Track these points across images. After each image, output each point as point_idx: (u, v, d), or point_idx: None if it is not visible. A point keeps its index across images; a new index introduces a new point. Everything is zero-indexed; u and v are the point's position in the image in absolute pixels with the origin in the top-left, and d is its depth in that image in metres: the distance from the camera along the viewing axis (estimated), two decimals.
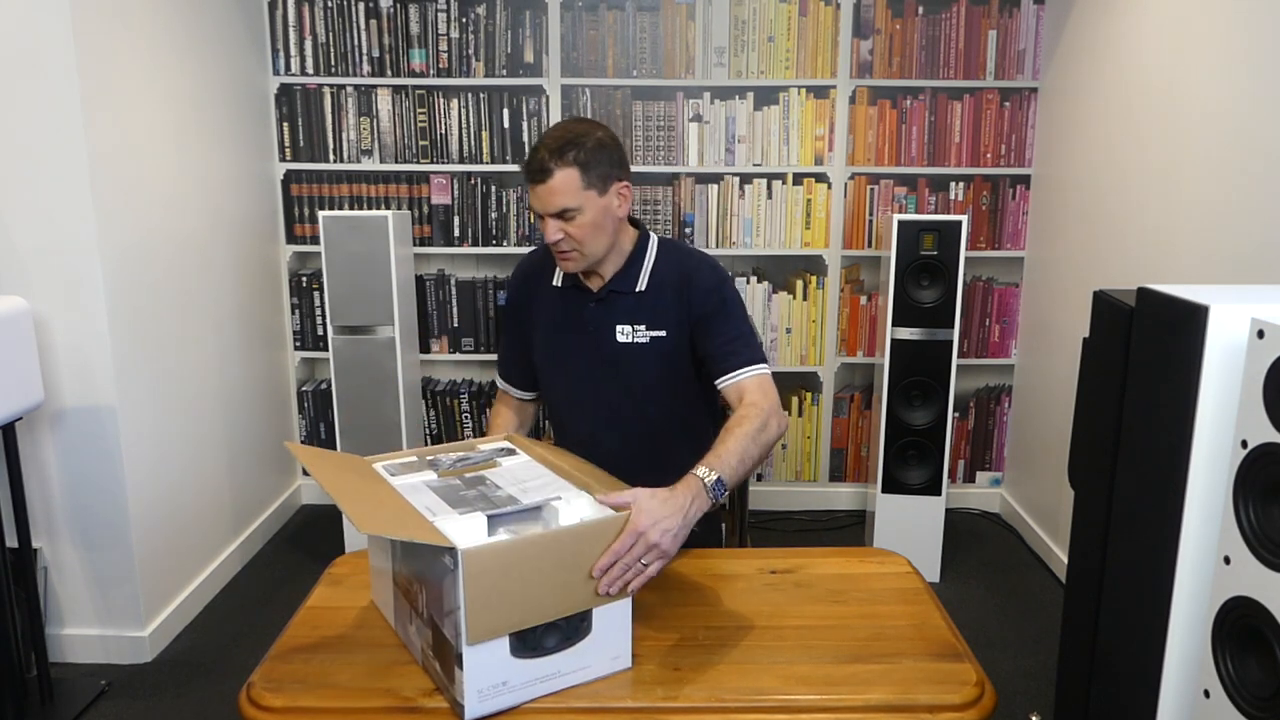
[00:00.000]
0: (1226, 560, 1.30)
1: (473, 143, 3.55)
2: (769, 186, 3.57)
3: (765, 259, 3.64)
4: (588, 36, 3.49)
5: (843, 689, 1.24)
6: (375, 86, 3.52)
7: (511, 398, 1.94)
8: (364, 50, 3.50)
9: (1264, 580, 1.23)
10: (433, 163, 3.57)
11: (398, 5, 3.47)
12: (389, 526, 1.17)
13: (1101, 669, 1.61)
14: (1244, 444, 1.27)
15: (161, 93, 2.81)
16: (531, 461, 1.48)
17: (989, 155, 3.55)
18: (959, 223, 3.00)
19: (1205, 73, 2.41)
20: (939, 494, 3.16)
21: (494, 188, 3.58)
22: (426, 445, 2.37)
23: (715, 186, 3.57)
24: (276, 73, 3.52)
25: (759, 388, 1.63)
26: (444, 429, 3.69)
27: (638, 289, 1.72)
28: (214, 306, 3.13)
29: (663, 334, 1.71)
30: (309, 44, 3.50)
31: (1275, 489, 1.23)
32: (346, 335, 3.15)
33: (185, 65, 2.95)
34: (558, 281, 1.78)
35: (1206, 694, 1.34)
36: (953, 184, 3.57)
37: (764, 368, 1.67)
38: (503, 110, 3.53)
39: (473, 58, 3.50)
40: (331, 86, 3.53)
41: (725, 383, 1.66)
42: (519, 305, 1.86)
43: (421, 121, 3.54)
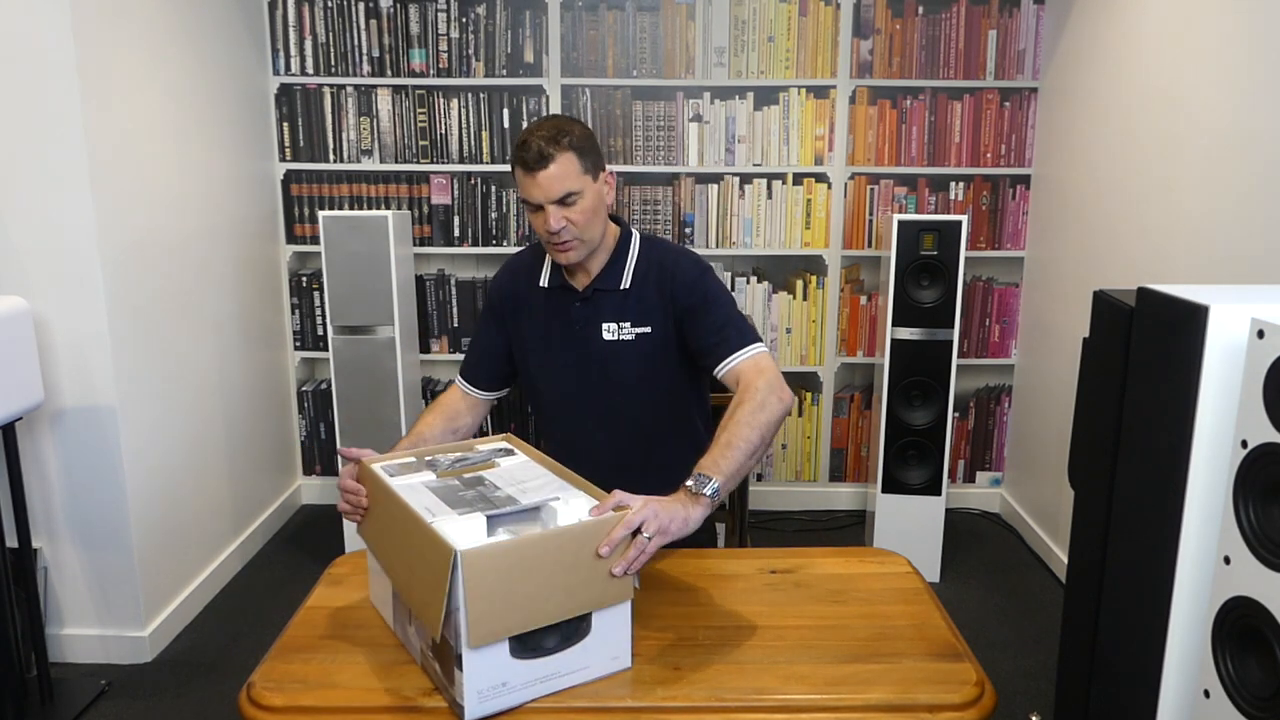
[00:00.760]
0: (1226, 560, 1.30)
1: (473, 143, 3.55)
2: (769, 186, 3.57)
3: (765, 259, 3.64)
4: (588, 36, 3.49)
5: (843, 689, 1.24)
6: (375, 86, 3.52)
7: (462, 394, 1.87)
8: (364, 50, 3.50)
9: (1264, 580, 1.23)
10: (433, 163, 3.57)
11: (398, 5, 3.47)
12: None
13: (1101, 669, 1.61)
14: (1244, 444, 1.27)
15: (161, 93, 2.81)
16: (530, 462, 1.47)
17: (989, 155, 3.55)
18: (959, 223, 3.00)
19: (1205, 73, 2.41)
20: (939, 494, 3.16)
21: (494, 188, 3.58)
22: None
23: (715, 186, 3.57)
24: (276, 73, 3.52)
25: (754, 368, 1.62)
26: None
27: (622, 286, 1.73)
28: (214, 306, 3.13)
29: (648, 330, 1.71)
30: (309, 44, 3.50)
31: (1275, 489, 1.23)
32: (346, 335, 3.15)
33: (185, 65, 2.95)
34: (544, 282, 1.78)
35: (1206, 694, 1.34)
36: (953, 184, 3.57)
37: (756, 347, 1.65)
38: (503, 110, 3.53)
39: (473, 58, 3.50)
40: (331, 86, 3.53)
41: (721, 371, 1.66)
42: (502, 302, 1.84)
43: (421, 121, 3.54)
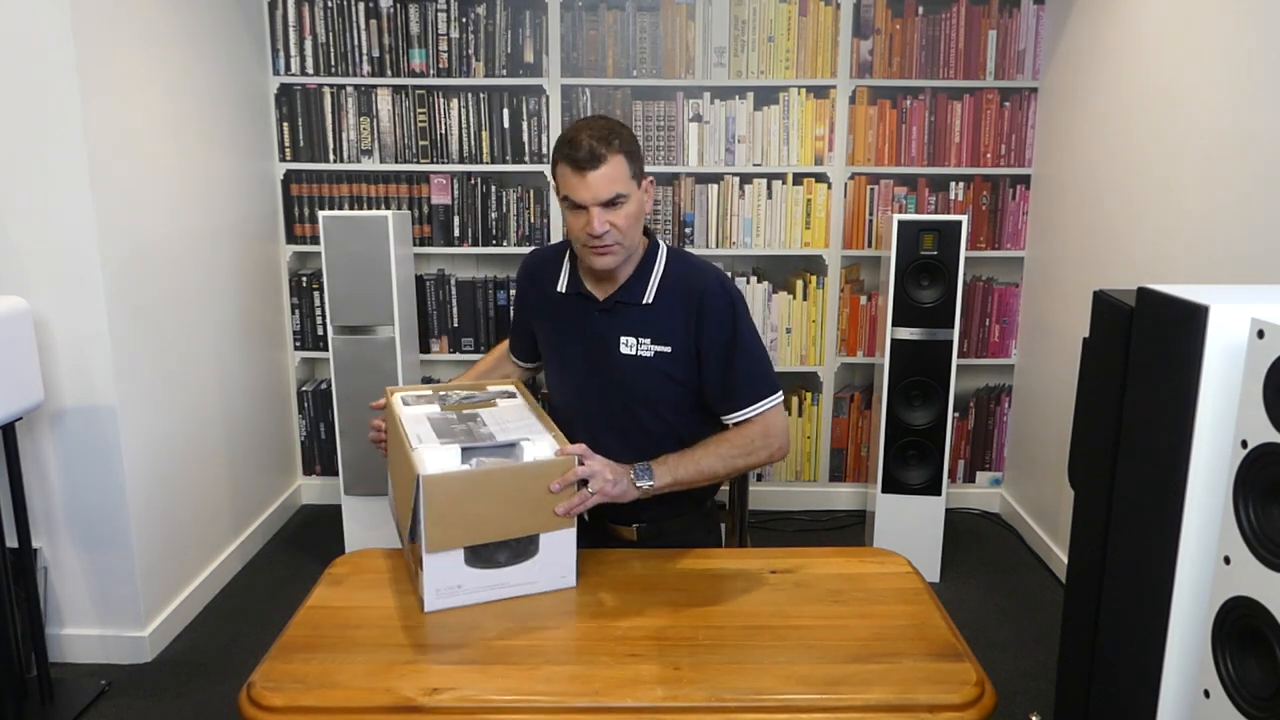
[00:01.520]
0: (1226, 560, 1.30)
1: (473, 143, 3.55)
2: (769, 186, 3.57)
3: (765, 259, 3.64)
4: (588, 36, 3.49)
5: (843, 689, 1.24)
6: (375, 86, 3.52)
7: (515, 368, 1.99)
8: (364, 50, 3.50)
9: (1264, 580, 1.23)
10: (433, 163, 3.57)
11: (398, 5, 3.47)
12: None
13: (1101, 669, 1.61)
14: (1244, 444, 1.27)
15: (161, 93, 2.81)
16: (523, 406, 1.65)
17: (989, 155, 3.55)
18: (959, 223, 3.00)
19: (1205, 73, 2.41)
20: (939, 494, 3.16)
21: (494, 188, 3.58)
22: None
23: (715, 186, 3.57)
24: (276, 73, 3.52)
25: (763, 425, 1.69)
26: None
27: (645, 300, 1.69)
28: (214, 306, 3.13)
29: (667, 349, 1.68)
30: (309, 44, 3.50)
31: (1275, 489, 1.23)
32: (346, 335, 3.15)
33: (185, 65, 2.95)
34: (562, 287, 1.76)
35: (1206, 694, 1.34)
36: (953, 184, 3.57)
37: (772, 400, 1.70)
38: (503, 110, 3.53)
39: (473, 58, 3.50)
40: (331, 86, 3.53)
41: (732, 420, 1.71)
42: (525, 298, 1.88)
43: (421, 121, 3.54)
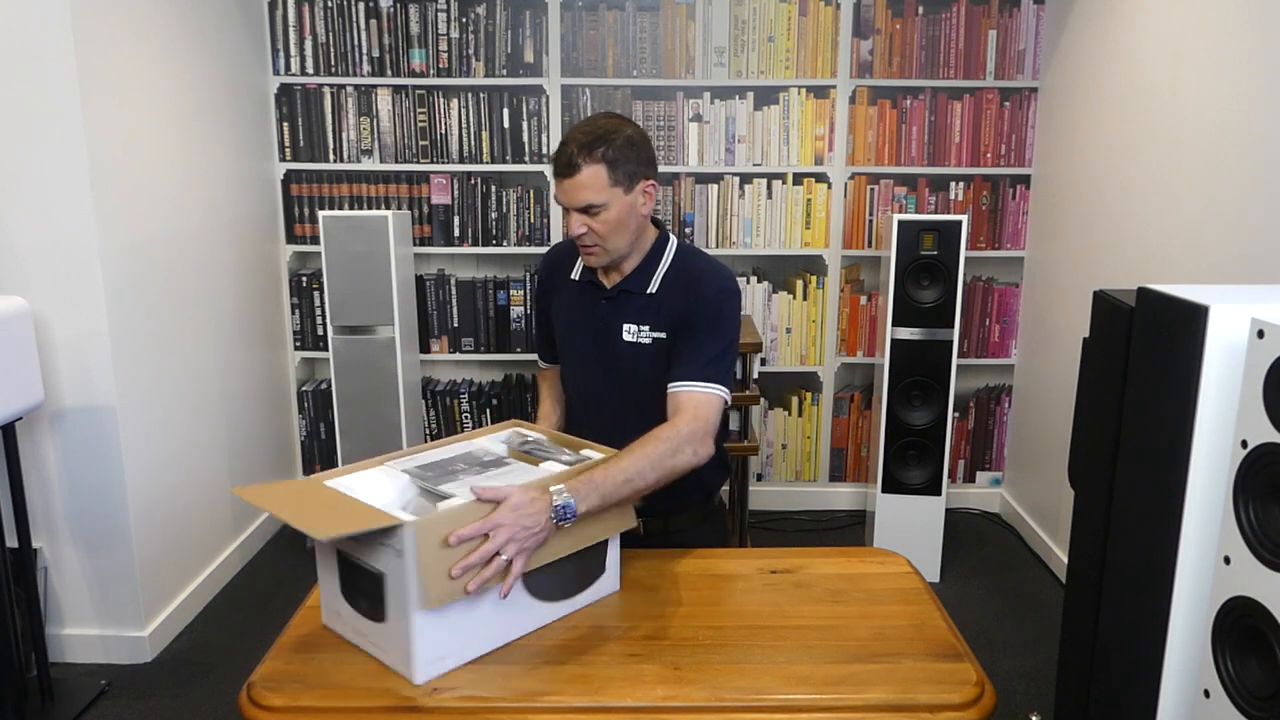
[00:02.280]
0: (1226, 560, 1.30)
1: (473, 143, 3.55)
2: (769, 186, 3.57)
3: (765, 259, 3.64)
4: (588, 36, 3.49)
5: (843, 689, 1.24)
6: (375, 86, 3.52)
7: (549, 374, 1.98)
8: (364, 50, 3.50)
9: (1264, 580, 1.23)
10: (433, 163, 3.57)
11: (398, 5, 3.47)
12: (342, 524, 1.23)
13: (1101, 669, 1.61)
14: (1244, 444, 1.27)
15: (161, 93, 2.81)
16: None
17: (989, 155, 3.55)
18: (959, 223, 3.00)
19: (1205, 73, 2.41)
20: (939, 494, 3.16)
21: (494, 188, 3.58)
22: (427, 441, 2.37)
23: (715, 186, 3.57)
24: (276, 73, 3.52)
25: (693, 409, 1.60)
26: (444, 429, 3.69)
27: (649, 290, 1.73)
28: (214, 306, 3.13)
29: (663, 335, 1.72)
30: (309, 44, 3.50)
31: (1275, 489, 1.23)
32: (346, 335, 3.15)
33: (185, 65, 2.95)
34: (575, 275, 1.81)
35: (1206, 694, 1.34)
36: (953, 184, 3.57)
37: (713, 389, 1.63)
38: (503, 110, 3.53)
39: (473, 58, 3.50)
40: (331, 86, 3.53)
41: (672, 389, 1.64)
42: (545, 291, 1.91)
43: (421, 121, 3.54)
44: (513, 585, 1.30)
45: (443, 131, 3.54)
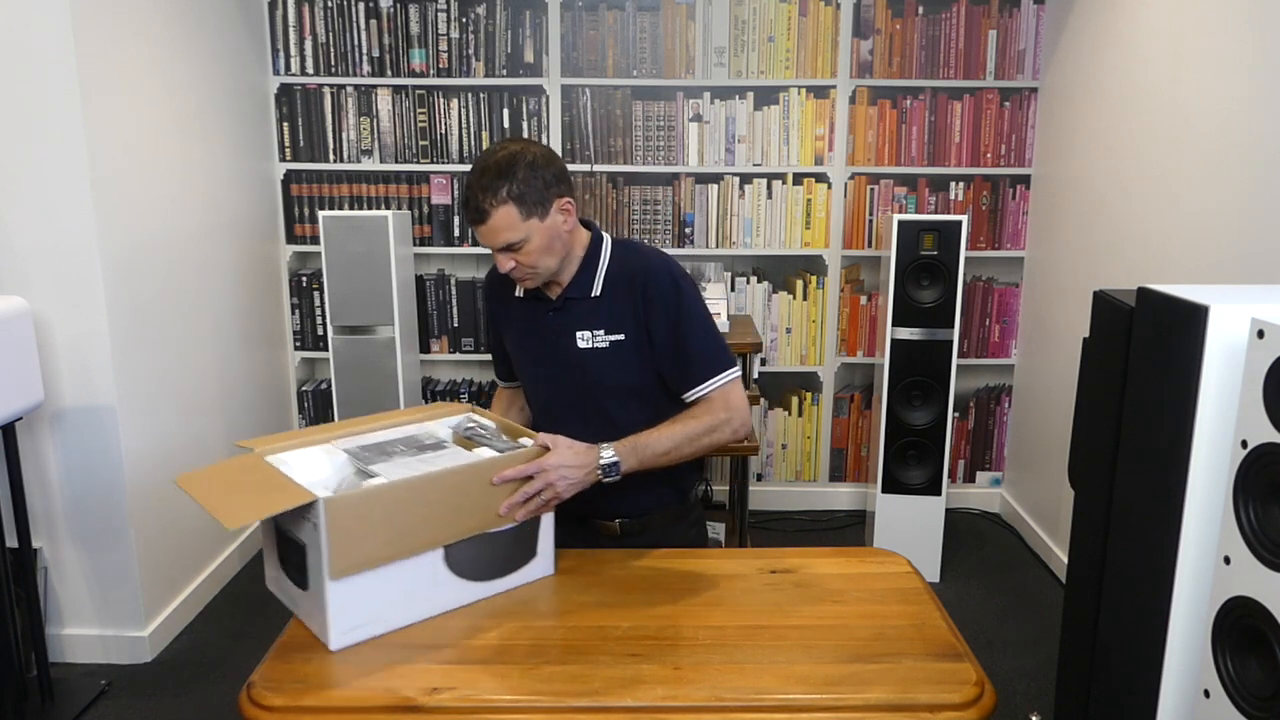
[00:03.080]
0: (1226, 560, 1.30)
1: (473, 143, 3.55)
2: (769, 186, 3.57)
3: (765, 259, 3.64)
4: (588, 36, 3.49)
5: (843, 689, 1.24)
6: (375, 86, 3.52)
7: (506, 394, 1.98)
8: (364, 50, 3.50)
9: (1264, 580, 1.23)
10: (433, 163, 3.57)
11: (398, 5, 3.47)
12: (252, 511, 1.32)
13: (1101, 669, 1.61)
14: (1244, 444, 1.27)
15: (161, 93, 2.81)
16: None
17: (989, 155, 3.55)
18: (959, 223, 3.00)
19: (1205, 73, 2.41)
20: (939, 494, 3.16)
21: None
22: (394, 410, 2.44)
23: (715, 186, 3.57)
24: (276, 73, 3.52)
25: (721, 399, 1.68)
26: None
27: (593, 294, 1.71)
28: (214, 306, 3.13)
29: (621, 337, 1.70)
30: (309, 44, 3.50)
31: (1275, 489, 1.23)
32: (346, 335, 3.15)
33: (185, 65, 2.95)
34: (519, 293, 1.79)
35: (1206, 694, 1.34)
36: (953, 184, 3.57)
37: (729, 374, 1.69)
38: (503, 110, 3.53)
39: (473, 58, 3.50)
40: (331, 86, 3.53)
41: (691, 397, 1.69)
42: (494, 314, 1.90)
43: (421, 121, 3.54)
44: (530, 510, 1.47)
45: (443, 131, 3.54)
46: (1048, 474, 3.36)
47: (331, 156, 3.57)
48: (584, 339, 1.71)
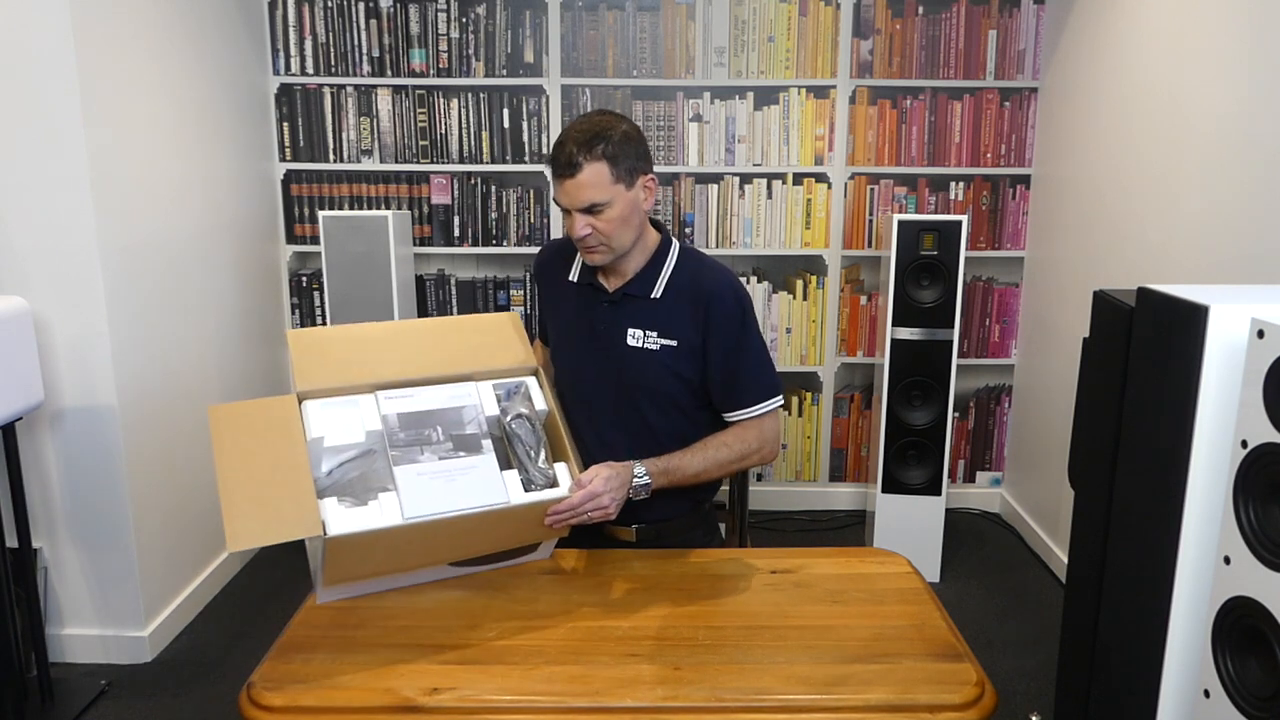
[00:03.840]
0: (1226, 560, 1.30)
1: (473, 143, 3.55)
2: (769, 186, 3.57)
3: (765, 259, 3.64)
4: (588, 36, 3.49)
5: (843, 689, 1.24)
6: (375, 86, 3.52)
7: (547, 349, 1.97)
8: (364, 50, 3.50)
9: (1264, 580, 1.23)
10: (433, 163, 3.57)
11: (398, 5, 3.47)
12: (258, 536, 1.31)
13: (1101, 669, 1.61)
14: (1244, 444, 1.27)
15: (161, 93, 2.81)
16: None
17: (989, 155, 3.55)
18: (959, 223, 3.00)
19: (1205, 73, 2.41)
20: (939, 494, 3.16)
21: (494, 188, 3.58)
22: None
23: (715, 186, 3.57)
24: (276, 73, 3.52)
25: (758, 427, 1.73)
26: None
27: (653, 295, 1.70)
28: (214, 306, 3.13)
29: (673, 344, 1.69)
30: (309, 44, 3.50)
31: (1275, 489, 1.23)
32: None
33: (185, 65, 2.95)
34: (573, 277, 1.77)
35: (1206, 694, 1.34)
36: (953, 184, 3.57)
37: (772, 404, 1.74)
38: (503, 110, 3.53)
39: (473, 58, 3.50)
40: (331, 86, 3.53)
41: (733, 418, 1.74)
42: (541, 288, 1.91)
43: (421, 121, 3.54)
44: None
45: (443, 131, 3.54)
46: (1048, 474, 3.36)
47: (331, 156, 3.57)
48: (635, 337, 1.70)
